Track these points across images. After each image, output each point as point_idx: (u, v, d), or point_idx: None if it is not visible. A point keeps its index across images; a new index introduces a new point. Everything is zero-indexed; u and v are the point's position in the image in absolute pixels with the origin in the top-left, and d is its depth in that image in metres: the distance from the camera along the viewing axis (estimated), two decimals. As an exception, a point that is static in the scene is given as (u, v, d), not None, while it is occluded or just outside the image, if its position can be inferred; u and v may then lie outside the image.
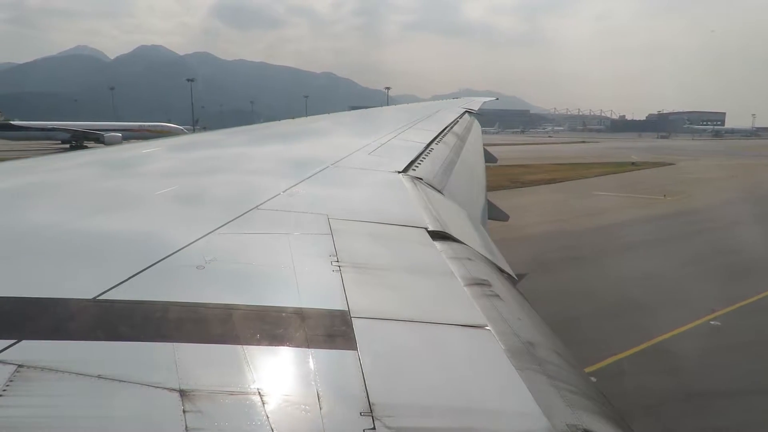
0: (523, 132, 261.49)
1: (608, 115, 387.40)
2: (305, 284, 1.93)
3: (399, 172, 4.27)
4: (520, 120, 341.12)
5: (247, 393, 1.27)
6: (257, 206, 2.75)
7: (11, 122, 77.79)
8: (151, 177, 3.81)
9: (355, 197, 3.51)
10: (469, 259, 2.50)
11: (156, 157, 4.90)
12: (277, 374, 1.40)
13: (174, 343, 1.43)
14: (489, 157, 10.55)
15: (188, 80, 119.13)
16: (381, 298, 1.96)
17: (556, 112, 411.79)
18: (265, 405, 1.23)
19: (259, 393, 1.27)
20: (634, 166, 60.65)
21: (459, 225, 3.38)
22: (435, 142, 6.70)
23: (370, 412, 1.25)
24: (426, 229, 2.78)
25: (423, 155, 5.43)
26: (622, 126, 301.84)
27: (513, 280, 2.76)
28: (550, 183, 46.16)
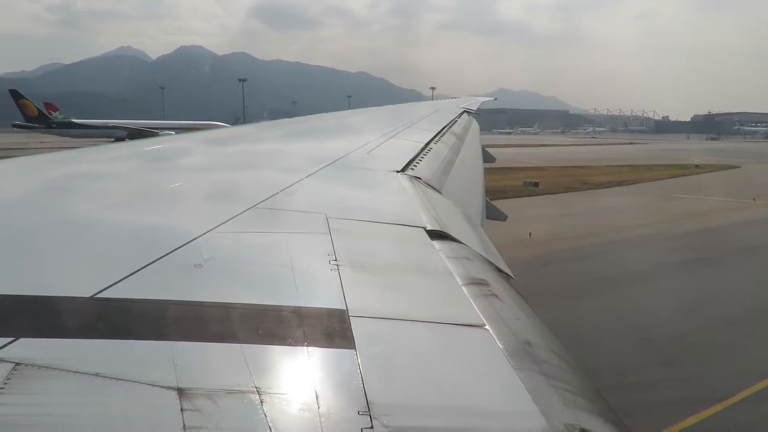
0: (563, 133, 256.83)
1: (650, 116, 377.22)
2: (303, 283, 1.92)
3: (397, 172, 4.27)
4: (559, 120, 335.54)
5: (245, 392, 1.27)
6: (255, 205, 2.75)
7: (73, 120, 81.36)
8: (149, 175, 3.78)
9: (354, 196, 3.51)
10: (468, 259, 2.51)
11: (155, 154, 4.84)
12: (275, 373, 1.40)
13: (172, 342, 1.43)
14: (487, 157, 10.63)
15: (240, 80, 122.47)
16: (379, 298, 1.96)
17: (597, 113, 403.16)
18: (263, 404, 1.23)
19: (257, 391, 1.27)
20: (698, 168, 59.11)
21: (457, 224, 3.38)
22: (434, 141, 6.71)
23: (368, 410, 1.25)
24: (424, 228, 2.78)
25: (422, 154, 5.43)
26: (665, 127, 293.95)
27: (511, 280, 2.75)
28: (621, 185, 45.34)
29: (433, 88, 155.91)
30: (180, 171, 3.94)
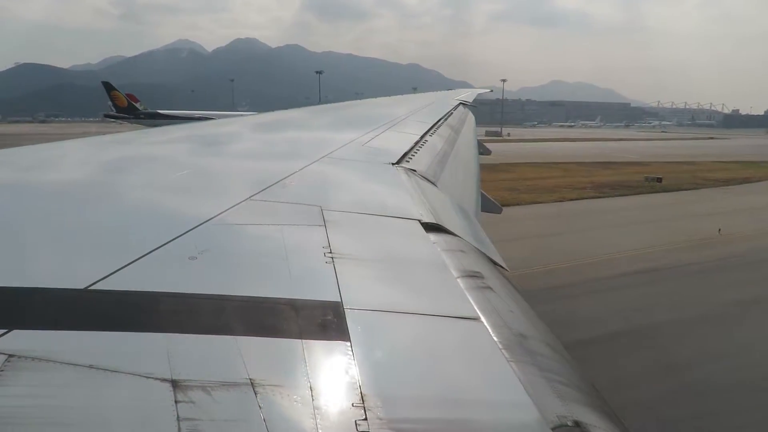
0: (627, 126, 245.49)
1: (719, 110, 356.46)
2: (298, 276, 1.93)
3: (393, 164, 4.25)
4: (620, 113, 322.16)
5: (239, 384, 1.27)
6: (250, 197, 2.75)
7: (159, 111, 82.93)
8: (146, 166, 3.71)
9: (349, 189, 3.51)
10: (462, 252, 2.52)
11: (152, 144, 4.74)
12: (269, 365, 1.40)
13: (166, 334, 1.43)
14: (483, 150, 10.91)
15: (317, 72, 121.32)
16: (374, 290, 1.96)
17: (660, 106, 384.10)
18: (258, 396, 1.23)
19: (252, 384, 1.27)
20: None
21: (452, 217, 3.39)
22: (429, 133, 6.69)
23: (362, 402, 1.26)
24: (419, 221, 2.78)
25: (417, 147, 5.42)
26: (735, 121, 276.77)
27: (506, 272, 2.76)
28: (748, 182, 42.17)
29: (504, 80, 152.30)
30: (175, 162, 3.89)
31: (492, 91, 26.52)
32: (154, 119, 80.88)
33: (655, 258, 24.69)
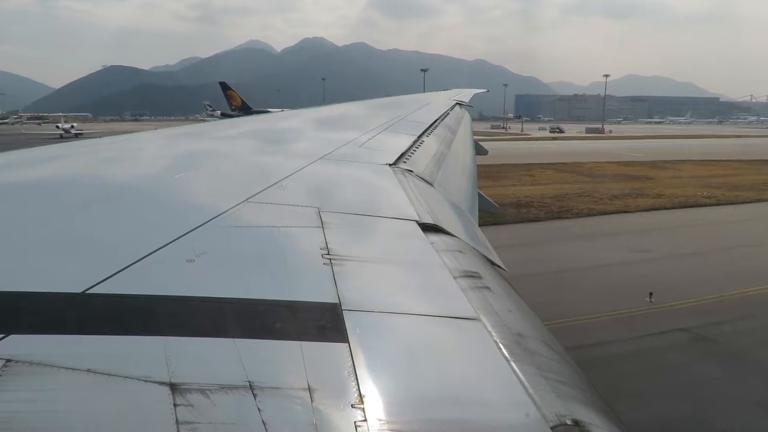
0: (720, 122, 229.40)
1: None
2: (296, 277, 1.94)
3: (389, 165, 4.25)
4: (709, 109, 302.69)
5: (238, 386, 1.27)
6: (247, 199, 2.75)
7: (268, 110, 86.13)
8: (142, 168, 3.70)
9: (346, 190, 3.50)
10: (460, 252, 2.52)
11: (148, 147, 4.73)
12: (268, 367, 1.40)
13: (164, 337, 1.43)
14: (479, 149, 10.98)
15: (422, 70, 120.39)
16: (372, 291, 1.96)
17: (753, 101, 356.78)
18: (256, 398, 1.23)
19: (250, 386, 1.27)
20: None
21: (450, 217, 3.40)
22: (426, 134, 6.71)
23: (361, 403, 1.26)
24: (417, 221, 2.79)
25: (413, 147, 5.42)
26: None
27: (503, 272, 2.77)
28: None
29: (606, 76, 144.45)
30: (171, 164, 3.89)
31: (488, 91, 25.69)
32: (246, 113, 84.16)
33: None
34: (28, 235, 2.10)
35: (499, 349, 1.59)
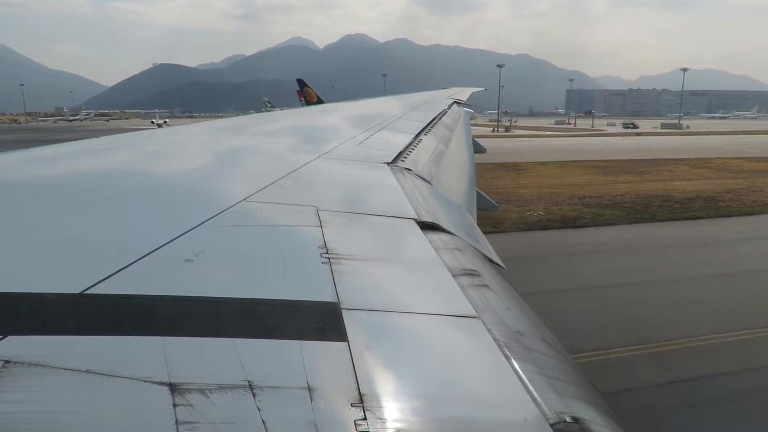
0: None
1: None
2: (295, 277, 1.94)
3: (388, 164, 4.28)
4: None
5: (237, 386, 1.27)
6: (245, 198, 2.76)
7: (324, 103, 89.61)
8: (140, 167, 3.68)
9: (344, 189, 3.52)
10: (459, 250, 2.53)
11: (147, 146, 4.72)
12: (267, 367, 1.39)
13: (163, 337, 1.43)
14: (477, 148, 10.84)
15: (498, 66, 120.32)
16: (371, 290, 1.96)
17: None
18: (256, 397, 1.23)
19: (250, 386, 1.27)
20: None
21: (448, 216, 3.40)
22: (424, 132, 6.75)
23: (360, 402, 1.26)
24: (415, 220, 2.80)
25: (412, 146, 5.46)
26: None
27: (502, 270, 2.78)
28: None
29: (684, 69, 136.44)
30: (169, 163, 3.88)
31: (486, 89, 26.38)
32: None
33: None
34: (26, 236, 2.11)
35: (499, 347, 1.60)
